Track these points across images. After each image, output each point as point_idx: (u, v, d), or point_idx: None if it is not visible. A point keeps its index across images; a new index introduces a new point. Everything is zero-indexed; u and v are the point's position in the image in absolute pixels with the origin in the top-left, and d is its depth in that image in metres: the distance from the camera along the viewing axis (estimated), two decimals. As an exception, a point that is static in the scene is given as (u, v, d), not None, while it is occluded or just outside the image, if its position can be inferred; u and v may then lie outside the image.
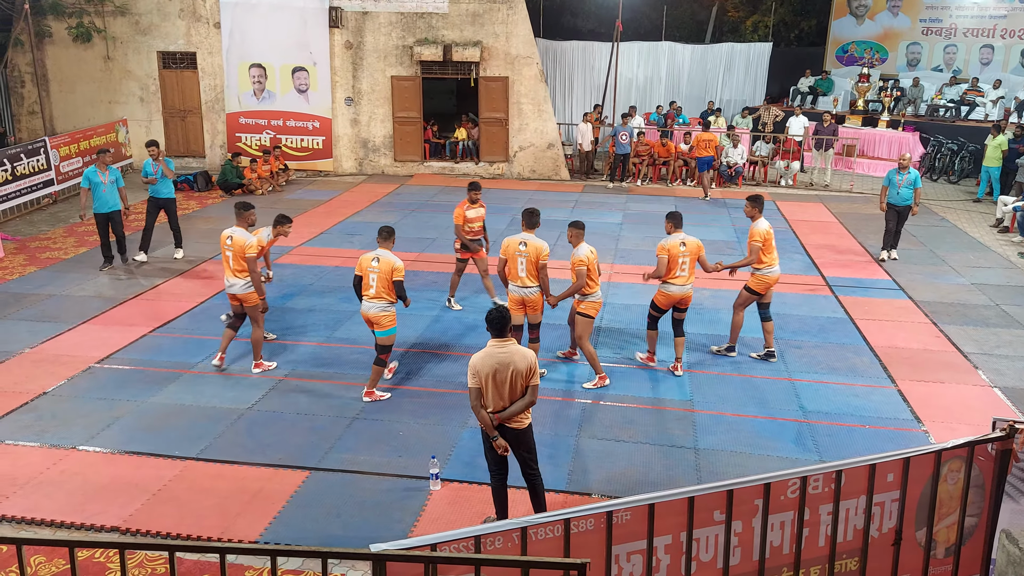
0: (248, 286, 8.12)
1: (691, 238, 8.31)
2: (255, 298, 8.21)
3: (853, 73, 22.55)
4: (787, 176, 18.43)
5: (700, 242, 8.42)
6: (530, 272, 7.91)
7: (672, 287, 8.29)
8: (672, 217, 8.43)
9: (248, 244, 8.03)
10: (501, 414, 5.47)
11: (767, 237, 8.64)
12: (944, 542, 4.57)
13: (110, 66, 18.51)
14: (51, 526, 5.89)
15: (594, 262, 8.00)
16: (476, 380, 5.45)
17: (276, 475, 6.57)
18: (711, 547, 4.12)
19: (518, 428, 5.57)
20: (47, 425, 7.30)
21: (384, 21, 18.13)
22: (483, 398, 5.46)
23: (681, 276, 8.24)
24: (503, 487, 5.79)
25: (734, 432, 7.37)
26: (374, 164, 18.97)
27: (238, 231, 8.12)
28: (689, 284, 8.32)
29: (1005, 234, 14.36)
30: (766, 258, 8.66)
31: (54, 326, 9.54)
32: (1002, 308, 10.56)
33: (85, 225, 14.12)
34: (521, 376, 5.41)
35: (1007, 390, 8.22)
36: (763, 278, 8.74)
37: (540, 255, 7.90)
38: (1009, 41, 21.71)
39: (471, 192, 9.99)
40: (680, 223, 8.38)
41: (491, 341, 5.50)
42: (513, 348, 5.47)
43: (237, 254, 8.04)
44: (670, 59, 22.99)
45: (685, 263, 8.20)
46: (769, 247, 8.65)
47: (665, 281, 8.30)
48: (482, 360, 5.45)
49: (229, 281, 8.18)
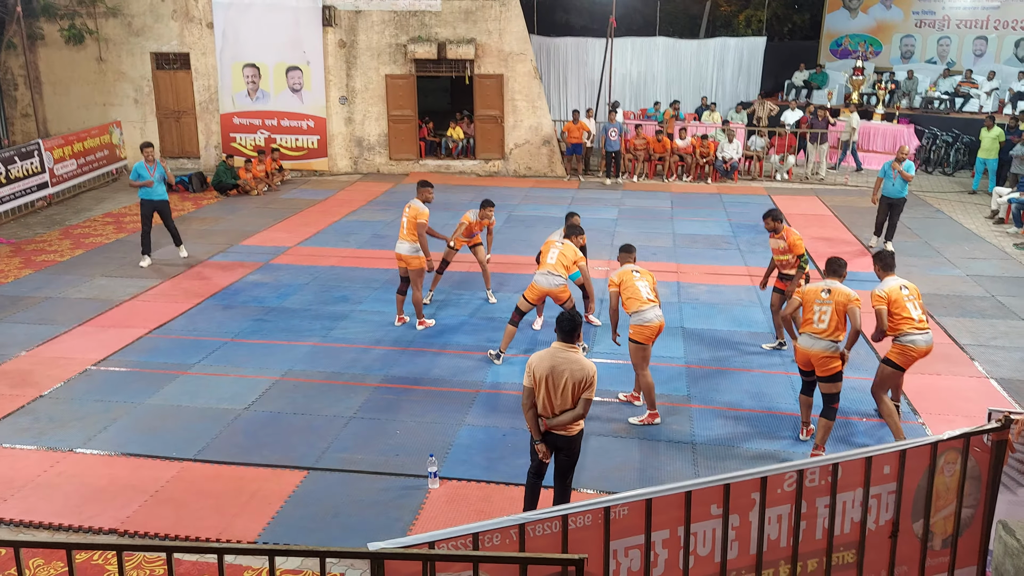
0: (414, 249, 9.15)
1: (837, 286, 6.75)
2: (417, 262, 9.19)
3: (847, 66, 22.54)
4: (782, 170, 18.44)
5: (850, 293, 6.71)
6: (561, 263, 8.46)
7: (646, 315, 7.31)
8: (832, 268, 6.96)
9: (421, 212, 9.16)
10: (549, 422, 5.33)
11: (892, 300, 6.79)
12: (941, 533, 4.57)
13: (103, 68, 18.46)
14: (49, 528, 5.88)
15: (632, 281, 7.33)
16: (530, 379, 5.32)
17: (274, 475, 6.57)
18: (709, 541, 4.13)
19: (567, 435, 5.39)
20: (44, 428, 7.30)
21: (377, 19, 18.10)
22: (535, 398, 5.33)
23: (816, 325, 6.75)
24: (537, 484, 5.67)
25: (731, 426, 7.38)
26: (369, 163, 18.95)
27: (416, 201, 9.30)
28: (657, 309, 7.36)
29: (1000, 225, 14.38)
30: (904, 325, 6.78)
31: (50, 329, 9.53)
32: (998, 299, 10.58)
33: (81, 227, 14.11)
34: (575, 385, 5.22)
35: (1003, 381, 8.24)
36: (906, 348, 6.80)
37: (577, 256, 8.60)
38: (1002, 32, 21.72)
39: (485, 209, 10.01)
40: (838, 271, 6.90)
41: (555, 343, 5.35)
42: (574, 356, 5.29)
43: (411, 220, 9.13)
44: (664, 54, 22.98)
45: (825, 312, 6.66)
46: (902, 306, 6.78)
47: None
48: (540, 360, 5.32)
49: (399, 243, 9.25)
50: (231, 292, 10.86)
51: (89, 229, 14.04)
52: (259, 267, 11.91)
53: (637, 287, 7.28)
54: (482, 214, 9.98)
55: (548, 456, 5.47)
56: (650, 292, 7.33)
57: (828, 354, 6.62)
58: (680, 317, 9.90)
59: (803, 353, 6.77)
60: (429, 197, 9.50)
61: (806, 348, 6.72)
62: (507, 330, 8.60)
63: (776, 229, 8.61)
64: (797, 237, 8.57)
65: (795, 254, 8.55)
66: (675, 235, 13.65)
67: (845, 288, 6.72)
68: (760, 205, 15.91)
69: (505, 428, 7.30)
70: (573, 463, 5.56)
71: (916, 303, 6.86)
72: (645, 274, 7.49)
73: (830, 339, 6.61)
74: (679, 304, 10.32)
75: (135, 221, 14.50)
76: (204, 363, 8.64)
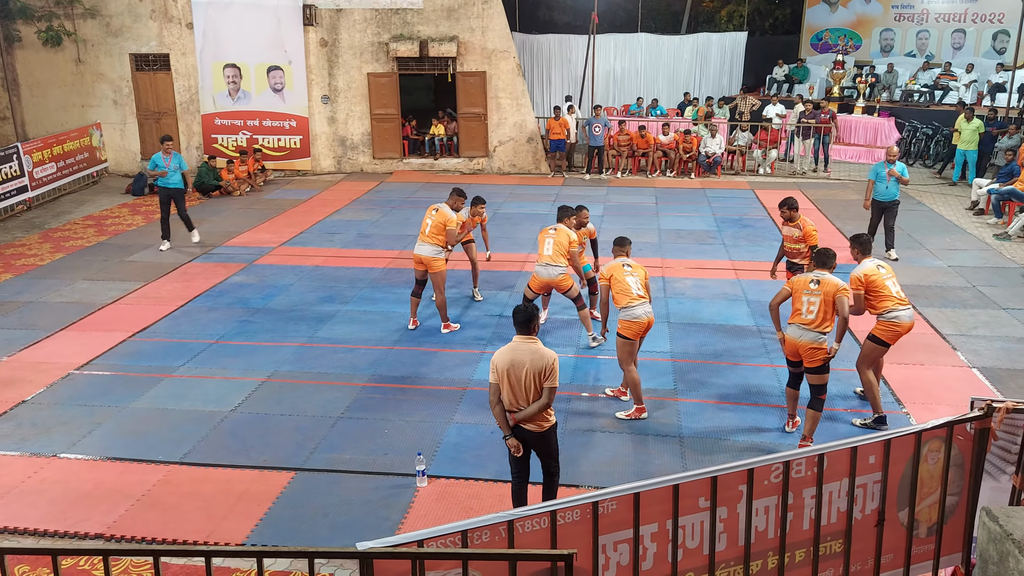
0: (436, 251, 9.07)
1: (826, 277, 6.76)
2: (439, 264, 9.09)
3: (828, 60, 22.70)
4: (765, 164, 18.53)
5: (838, 282, 6.76)
6: (557, 252, 8.45)
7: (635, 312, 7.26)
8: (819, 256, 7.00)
9: (450, 218, 9.13)
10: (517, 415, 5.32)
11: (870, 280, 7.06)
12: (926, 521, 4.62)
13: (82, 69, 18.28)
14: (34, 535, 5.83)
15: (622, 276, 7.31)
16: (494, 375, 5.32)
17: (261, 477, 6.54)
18: (697, 534, 4.14)
19: (537, 431, 5.37)
20: (27, 433, 7.23)
21: (359, 18, 18.03)
22: (500, 393, 5.32)
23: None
24: (523, 489, 5.63)
25: (718, 419, 7.42)
26: (353, 162, 18.88)
27: (444, 206, 9.28)
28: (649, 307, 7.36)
29: (980, 216, 14.52)
30: (886, 302, 7.07)
31: (31, 333, 9.44)
32: (979, 289, 10.68)
33: (61, 231, 13.98)
34: (537, 376, 5.21)
35: (985, 370, 8.32)
36: (891, 324, 7.07)
37: (570, 241, 8.54)
38: (980, 25, 21.91)
39: (477, 206, 9.92)
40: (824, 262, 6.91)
41: (515, 337, 5.36)
42: (532, 347, 5.29)
43: (437, 224, 9.08)
44: (646, 50, 23.03)
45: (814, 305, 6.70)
46: (882, 287, 7.06)
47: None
48: (501, 355, 5.33)
49: (420, 245, 9.15)
50: (215, 294, 10.79)
51: (69, 232, 13.91)
52: (243, 268, 11.85)
53: (627, 282, 7.26)
54: (473, 211, 9.91)
55: (520, 451, 5.43)
56: (640, 288, 7.30)
57: (816, 345, 6.64)
58: (666, 312, 9.93)
59: (792, 344, 6.78)
60: (459, 206, 9.45)
61: (795, 339, 6.73)
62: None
63: (792, 218, 8.68)
64: (812, 228, 8.71)
65: (808, 244, 8.61)
66: (660, 231, 13.69)
67: (834, 279, 6.75)
68: (743, 199, 15.99)
69: (492, 425, 7.29)
70: (554, 459, 5.55)
71: (893, 280, 7.13)
72: (636, 268, 7.44)
73: (818, 330, 6.64)
74: (665, 299, 10.36)
75: (116, 224, 14.41)
76: (189, 365, 8.58)
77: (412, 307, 9.54)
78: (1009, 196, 13.81)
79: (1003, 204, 13.99)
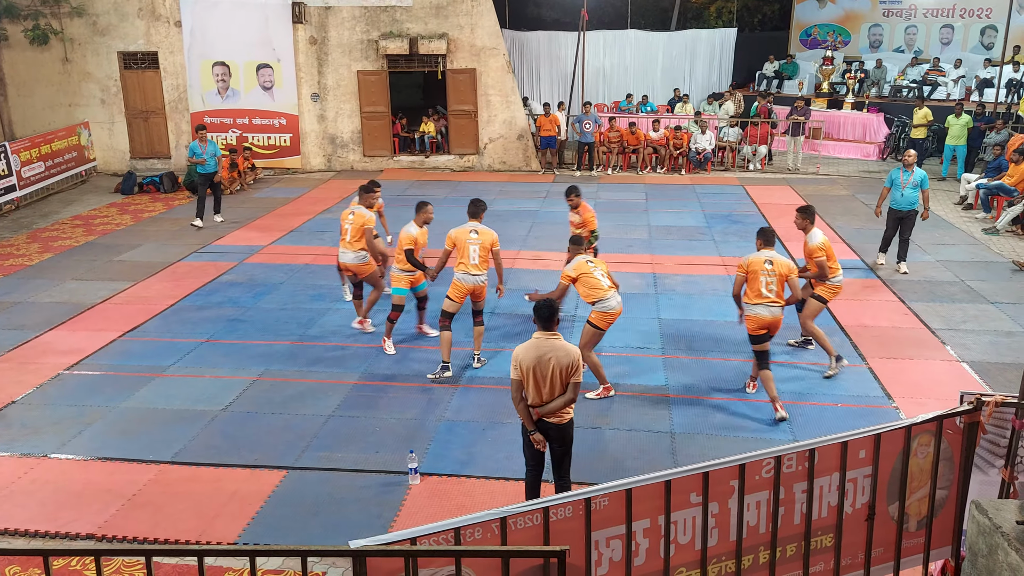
0: (360, 257, 8.86)
1: (780, 257, 7.46)
2: (367, 268, 8.94)
3: (817, 56, 22.74)
4: (755, 160, 18.58)
5: (791, 264, 7.50)
6: (483, 259, 8.25)
7: (759, 308, 7.40)
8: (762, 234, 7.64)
9: (368, 218, 8.91)
10: (540, 409, 5.38)
11: (827, 247, 8.12)
12: (916, 515, 4.64)
13: (69, 68, 18.17)
14: (25, 536, 5.80)
15: (589, 271, 7.50)
16: (517, 372, 5.36)
17: (253, 476, 6.53)
18: (689, 529, 4.16)
19: (559, 423, 5.45)
20: (17, 434, 7.19)
21: (348, 15, 17.97)
22: (524, 390, 5.37)
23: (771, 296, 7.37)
24: (537, 481, 5.69)
25: (709, 415, 7.44)
26: (343, 160, 18.83)
27: (360, 208, 9.02)
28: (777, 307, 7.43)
29: (969, 211, 14.60)
30: (834, 267, 8.20)
31: (20, 334, 9.38)
32: (967, 284, 10.75)
33: (49, 231, 13.90)
34: (563, 371, 5.29)
35: (974, 364, 8.37)
36: (834, 287, 8.28)
37: (493, 242, 8.36)
38: (968, 20, 22.01)
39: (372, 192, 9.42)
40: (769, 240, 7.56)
41: (537, 333, 5.40)
42: (558, 343, 5.36)
43: (356, 227, 8.85)
44: (636, 47, 23.04)
45: (772, 283, 7.31)
46: (832, 256, 8.18)
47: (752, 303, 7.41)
48: (525, 351, 5.36)
49: (343, 253, 8.96)
50: (205, 292, 10.75)
51: (58, 232, 13.83)
52: (233, 267, 11.81)
53: (596, 277, 7.53)
54: (366, 199, 9.31)
55: (544, 445, 5.51)
56: (607, 279, 7.61)
57: (780, 316, 7.42)
58: (657, 308, 9.95)
59: (770, 320, 7.36)
60: (373, 201, 9.28)
61: (772, 316, 7.34)
62: (443, 337, 8.12)
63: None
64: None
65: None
66: (650, 227, 13.71)
67: (784, 258, 7.48)
68: (733, 196, 16.03)
69: (484, 423, 7.31)
70: (567, 451, 5.61)
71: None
72: (598, 263, 7.77)
73: (778, 304, 7.36)
74: (655, 295, 10.37)
75: (105, 223, 14.35)
76: (179, 365, 8.55)
77: (356, 308, 9.43)
78: (997, 191, 13.90)
79: (991, 199, 14.07)
